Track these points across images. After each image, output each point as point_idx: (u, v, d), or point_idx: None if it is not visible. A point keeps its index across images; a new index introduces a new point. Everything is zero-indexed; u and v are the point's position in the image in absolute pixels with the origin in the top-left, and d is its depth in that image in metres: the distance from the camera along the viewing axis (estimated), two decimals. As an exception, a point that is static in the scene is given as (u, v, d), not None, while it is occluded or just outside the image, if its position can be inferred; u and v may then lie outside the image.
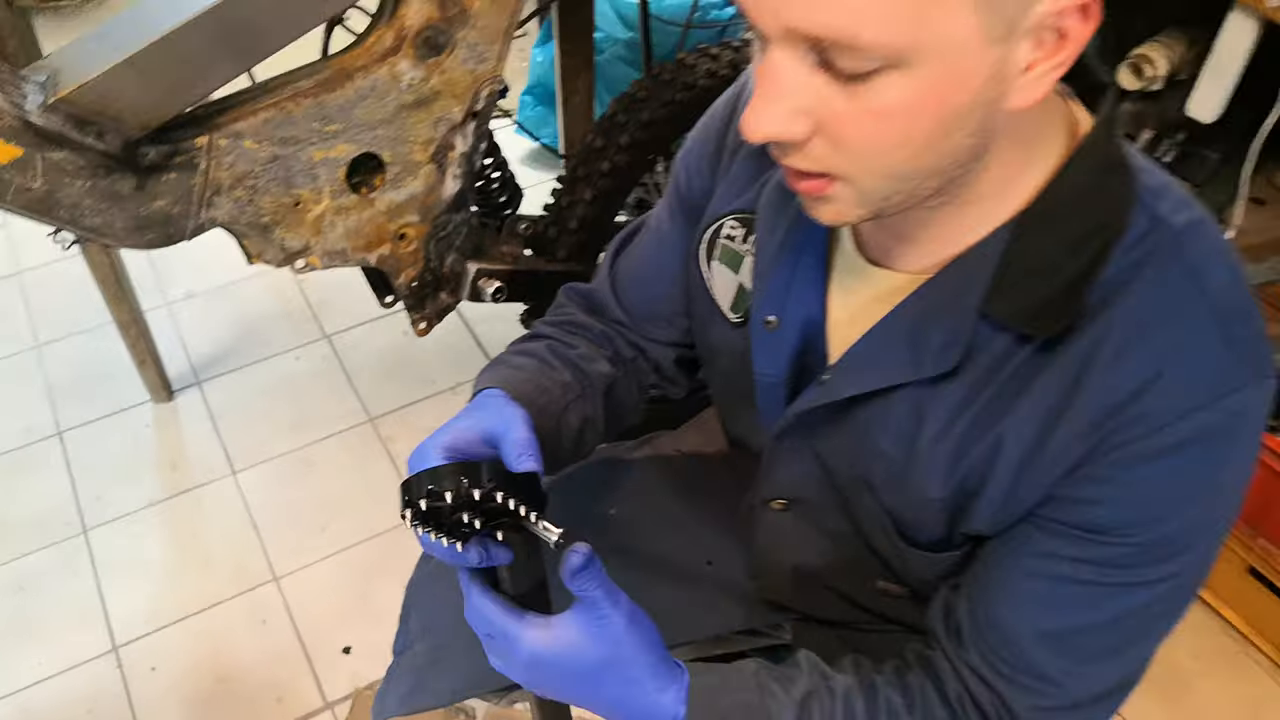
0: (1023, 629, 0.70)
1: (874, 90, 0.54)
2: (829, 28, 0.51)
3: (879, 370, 0.71)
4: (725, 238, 0.84)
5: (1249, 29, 1.23)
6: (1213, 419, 0.62)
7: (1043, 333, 0.64)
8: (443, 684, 1.03)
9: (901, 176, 0.59)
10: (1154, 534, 0.65)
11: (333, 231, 1.13)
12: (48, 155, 0.90)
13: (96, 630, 1.57)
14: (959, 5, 0.51)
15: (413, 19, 1.08)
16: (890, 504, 0.77)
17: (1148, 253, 0.63)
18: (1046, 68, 0.55)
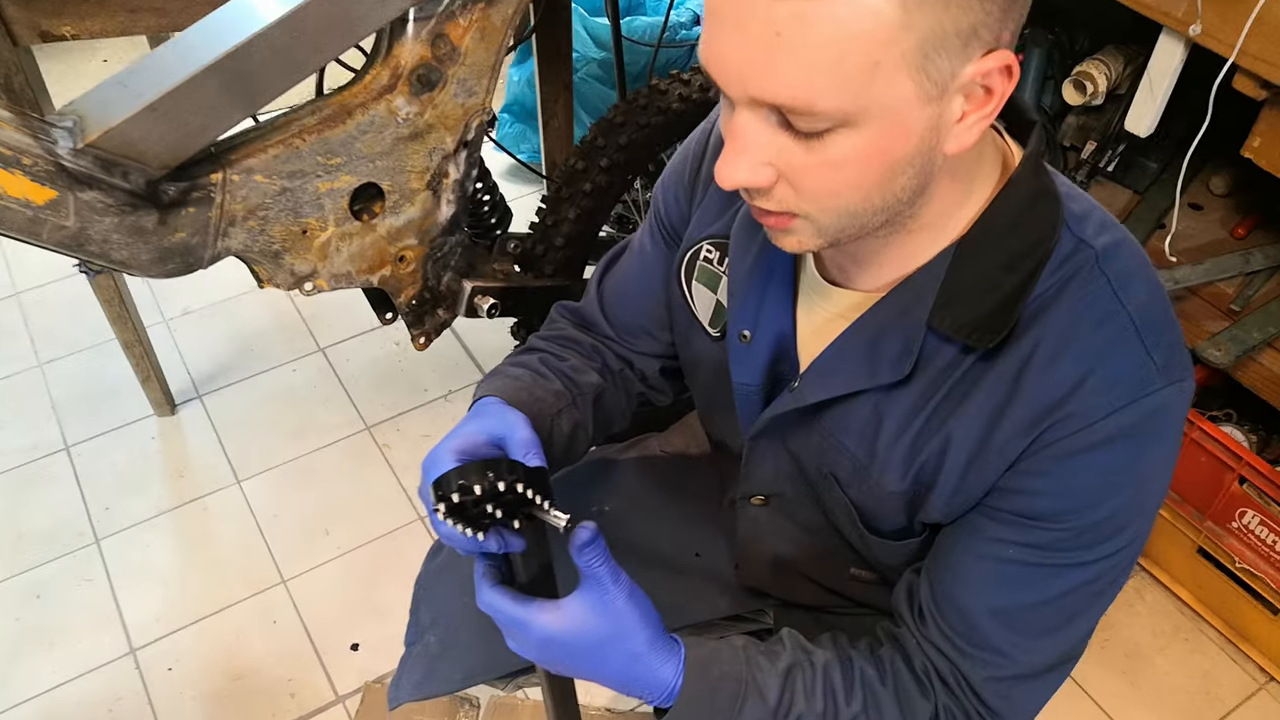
0: (976, 607, 0.78)
1: (828, 145, 0.62)
2: (788, 98, 0.60)
3: (841, 378, 0.80)
4: (703, 260, 0.93)
5: (1176, 52, 1.33)
6: (1134, 417, 0.70)
7: (983, 344, 0.72)
8: (454, 671, 1.11)
9: (854, 214, 0.67)
10: (1087, 519, 0.73)
11: (338, 256, 1.21)
12: (79, 195, 0.98)
13: (113, 634, 1.65)
14: (897, 73, 0.59)
15: (407, 58, 1.17)
16: (855, 497, 0.85)
17: (1074, 270, 0.72)
18: (976, 118, 0.64)
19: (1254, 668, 1.64)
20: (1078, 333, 0.71)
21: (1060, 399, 0.71)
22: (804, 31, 0.57)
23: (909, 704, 0.81)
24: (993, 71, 0.62)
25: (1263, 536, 1.53)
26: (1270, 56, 1.23)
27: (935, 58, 0.59)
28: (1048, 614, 0.78)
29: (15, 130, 0.94)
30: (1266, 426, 1.64)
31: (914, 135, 0.63)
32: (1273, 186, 1.35)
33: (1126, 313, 0.71)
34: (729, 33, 0.60)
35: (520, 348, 1.04)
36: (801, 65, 0.58)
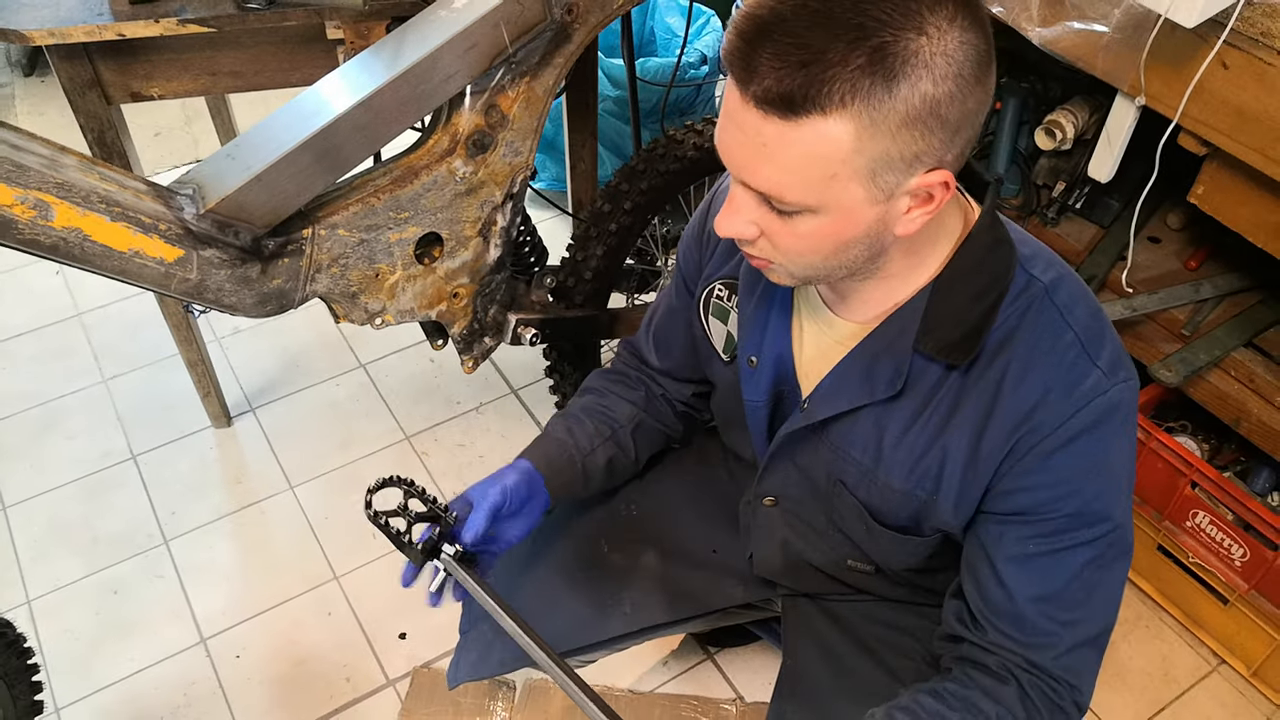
0: (1021, 600, 0.96)
1: (796, 222, 0.83)
2: (766, 189, 0.80)
3: (845, 397, 0.99)
4: (716, 297, 1.13)
5: (1130, 111, 1.53)
6: (1092, 415, 0.90)
7: (958, 361, 0.92)
8: (505, 655, 1.31)
9: (817, 268, 0.88)
10: (1074, 505, 0.92)
11: (404, 295, 1.40)
12: (201, 253, 1.17)
13: (185, 625, 1.84)
14: (850, 183, 0.79)
15: (464, 126, 1.36)
16: (864, 498, 1.04)
17: (1029, 302, 0.92)
18: (920, 213, 0.84)
19: (1207, 652, 1.83)
20: (1038, 355, 0.91)
21: (1028, 412, 0.90)
22: (781, 147, 0.76)
23: (996, 693, 0.97)
24: (934, 184, 0.81)
25: (1213, 535, 1.72)
26: (1208, 119, 1.42)
27: (882, 174, 0.79)
28: (1075, 590, 0.96)
29: (152, 200, 1.13)
30: (1217, 437, 1.83)
31: (862, 224, 0.83)
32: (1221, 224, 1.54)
33: (1074, 333, 0.91)
34: (732, 132, 0.80)
35: (581, 388, 1.28)
36: (777, 170, 0.78)
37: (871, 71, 0.72)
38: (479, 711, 1.70)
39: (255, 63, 1.56)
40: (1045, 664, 0.97)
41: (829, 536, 1.15)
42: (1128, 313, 1.70)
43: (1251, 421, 1.63)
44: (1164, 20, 1.33)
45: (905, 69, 0.73)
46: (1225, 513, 1.69)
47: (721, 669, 1.79)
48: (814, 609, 1.28)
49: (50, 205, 1.04)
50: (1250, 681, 1.77)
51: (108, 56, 1.50)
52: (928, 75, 0.74)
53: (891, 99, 0.73)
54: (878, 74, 0.73)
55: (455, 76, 1.29)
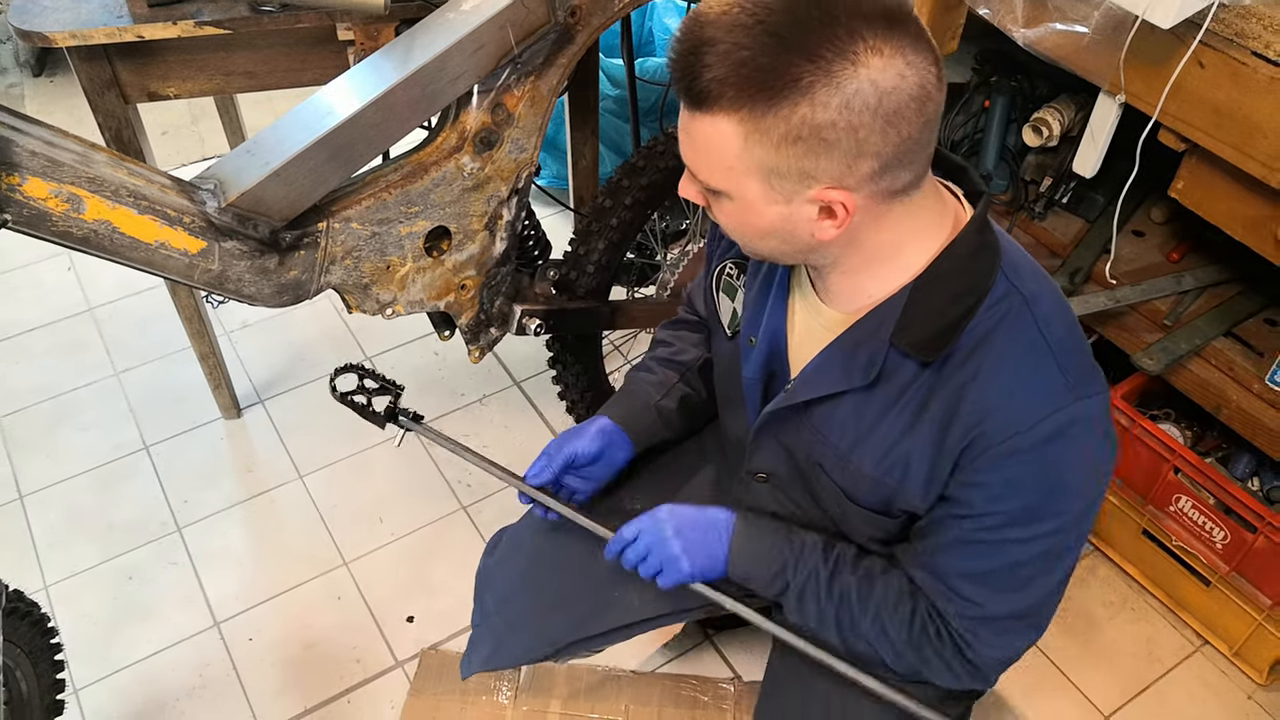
0: (949, 570, 1.03)
1: (719, 200, 0.93)
2: (689, 166, 0.91)
3: (824, 381, 1.04)
4: (727, 275, 1.18)
5: (1112, 108, 1.58)
6: (1050, 427, 0.93)
7: (929, 358, 0.96)
8: (518, 647, 1.36)
9: (753, 249, 0.98)
10: (1016, 504, 0.97)
11: (413, 286, 1.46)
12: (222, 245, 1.23)
13: (199, 610, 1.89)
14: (746, 177, 0.88)
15: (471, 123, 1.42)
16: (839, 480, 1.10)
17: (1008, 309, 0.96)
18: (830, 225, 0.91)
19: (1191, 633, 1.89)
20: (1008, 361, 0.95)
21: (990, 411, 0.94)
22: (692, 134, 0.88)
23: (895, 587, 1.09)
24: (834, 202, 0.88)
25: (1195, 519, 1.78)
26: (1187, 116, 1.48)
27: (775, 179, 0.87)
28: (1006, 577, 1.02)
29: (177, 195, 1.18)
30: (1199, 424, 1.89)
31: (766, 218, 0.91)
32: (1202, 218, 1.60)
33: (1047, 345, 0.95)
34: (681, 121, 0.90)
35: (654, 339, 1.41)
36: (691, 152, 0.90)
37: (755, 86, 0.81)
38: (485, 691, 1.75)
39: (268, 63, 1.61)
40: (950, 617, 1.05)
41: (813, 516, 1.21)
42: (1111, 304, 1.76)
43: (1231, 408, 1.68)
44: (1141, 21, 1.39)
45: (785, 92, 0.81)
46: (1207, 497, 1.75)
47: (720, 650, 1.85)
48: None
49: (82, 199, 1.09)
50: (1232, 661, 1.83)
51: (126, 57, 1.55)
52: (807, 102, 0.81)
53: (771, 116, 0.82)
54: (760, 91, 0.82)
55: (463, 76, 1.34)
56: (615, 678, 1.78)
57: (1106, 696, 1.80)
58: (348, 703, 1.77)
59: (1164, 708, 1.79)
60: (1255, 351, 1.71)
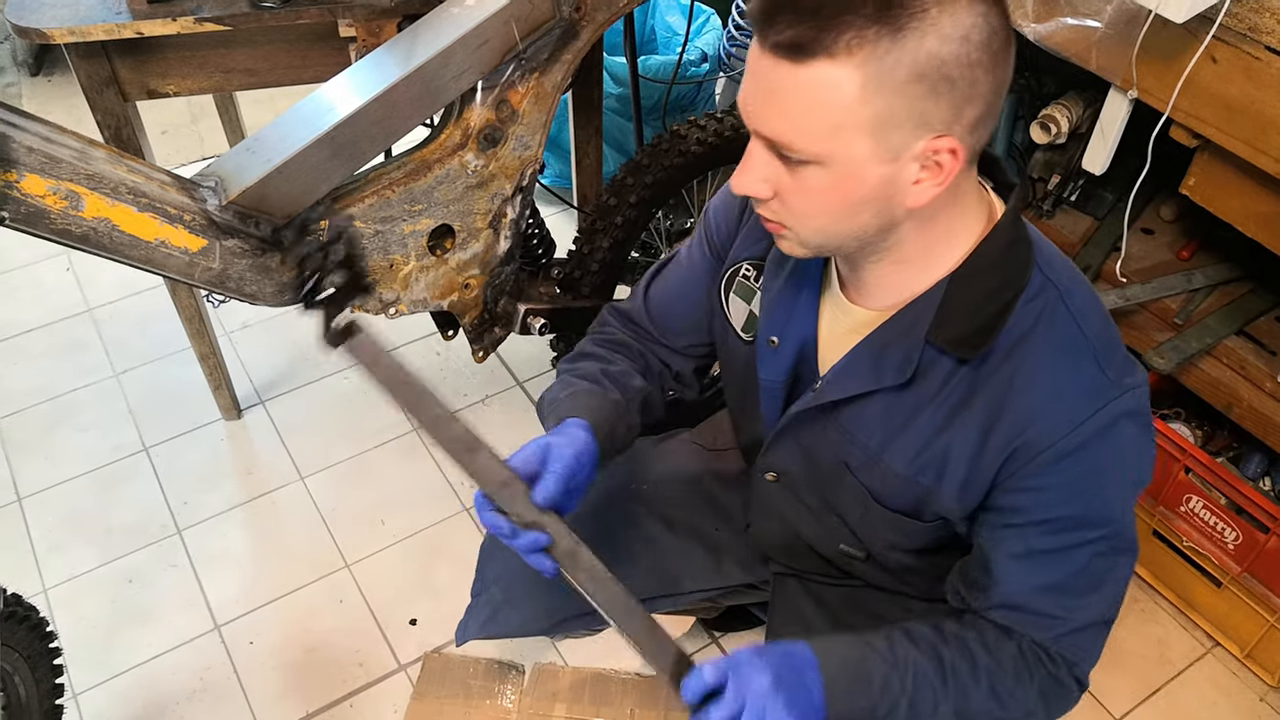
0: (1021, 592, 0.99)
1: (806, 174, 0.85)
2: (775, 136, 0.84)
3: (855, 381, 1.01)
4: (742, 277, 1.15)
5: (1123, 105, 1.57)
6: (1099, 422, 0.91)
7: (968, 355, 0.94)
8: (514, 618, 1.34)
9: (827, 234, 0.90)
10: (1079, 506, 0.94)
11: (417, 285, 1.44)
12: (223, 243, 1.21)
13: (199, 613, 1.87)
14: (856, 135, 0.81)
15: (475, 120, 1.40)
16: (866, 480, 1.06)
17: (1044, 306, 0.94)
18: (930, 184, 0.85)
19: (1201, 634, 1.87)
20: (1050, 358, 0.93)
21: (1040, 412, 0.92)
22: (788, 93, 0.80)
23: (994, 645, 1.00)
24: (941, 150, 0.83)
25: (1206, 519, 1.76)
26: (1199, 113, 1.47)
27: (889, 130, 0.81)
28: (1081, 582, 0.98)
29: (177, 192, 1.16)
30: (1210, 423, 1.87)
31: (868, 184, 0.84)
32: (1213, 215, 1.58)
33: (1087, 339, 0.93)
34: (749, 82, 0.83)
35: (576, 353, 1.24)
36: (785, 116, 0.82)
37: (879, 20, 0.76)
38: (488, 694, 1.73)
39: (269, 60, 1.59)
40: (1046, 642, 1.00)
41: (824, 519, 1.18)
42: (1121, 302, 1.74)
43: (1243, 407, 1.67)
44: (1154, 16, 1.38)
45: (912, 23, 0.76)
46: (1218, 497, 1.73)
47: (725, 652, 1.83)
48: (801, 590, 1.30)
49: (81, 196, 1.08)
50: (1243, 663, 1.82)
51: (125, 54, 1.53)
52: (934, 33, 0.77)
53: (898, 50, 0.76)
54: (885, 24, 0.76)
55: (467, 72, 1.32)
56: (620, 680, 1.76)
57: (1117, 699, 1.79)
58: (350, 707, 1.75)
59: (1175, 710, 1.78)
60: (1267, 350, 1.69)
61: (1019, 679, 0.99)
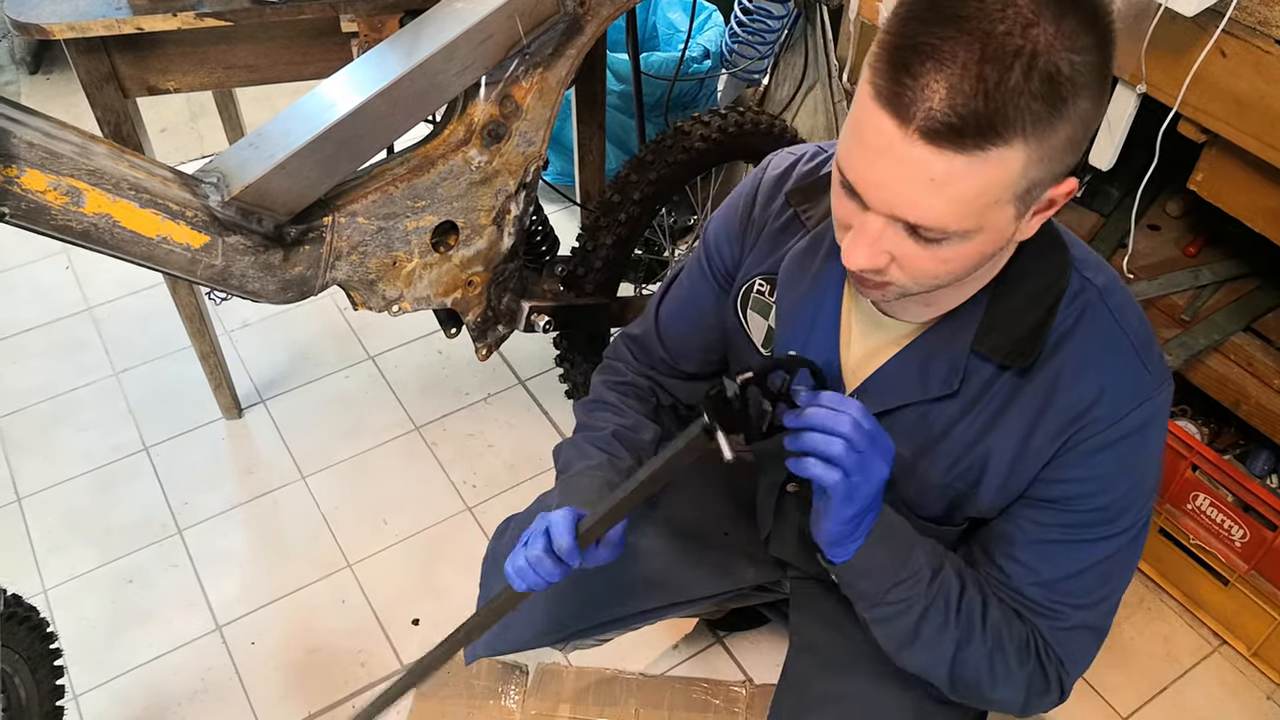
0: (1033, 581, 0.99)
1: (944, 248, 0.81)
2: (928, 223, 0.79)
3: (897, 393, 1.00)
4: (756, 293, 1.14)
5: (1130, 100, 1.55)
6: (1142, 417, 0.93)
7: (1017, 363, 0.93)
8: (523, 632, 1.33)
9: (940, 283, 0.87)
10: (1104, 500, 0.95)
11: (420, 282, 1.43)
12: (226, 240, 1.20)
13: (200, 613, 1.86)
14: (1007, 205, 0.78)
15: (479, 116, 1.39)
16: (901, 491, 1.06)
17: (1084, 305, 0.94)
18: (1040, 217, 0.84)
19: (1208, 632, 1.86)
20: (1093, 357, 0.93)
21: (1085, 409, 0.93)
22: (955, 180, 0.74)
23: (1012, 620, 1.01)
24: (1061, 194, 0.81)
25: (1213, 517, 1.75)
26: (1207, 107, 1.45)
27: (1034, 191, 0.79)
28: (1088, 580, 0.99)
29: (179, 188, 1.15)
30: (1217, 420, 1.86)
31: (1004, 238, 0.83)
32: (1220, 210, 1.57)
33: (1128, 338, 0.94)
34: (888, 165, 0.76)
35: (591, 400, 1.25)
36: (945, 203, 0.76)
37: (1045, 97, 0.71)
38: (492, 695, 1.72)
39: (270, 56, 1.58)
40: (1045, 632, 1.01)
41: None
42: (1128, 299, 1.73)
43: (1250, 404, 1.66)
44: (1164, 9, 1.37)
45: (1072, 92, 0.73)
46: (1225, 494, 1.72)
47: (731, 652, 1.82)
48: (822, 590, 1.30)
49: (82, 191, 1.06)
50: (1251, 661, 1.80)
51: (125, 50, 1.52)
52: (1087, 94, 0.74)
53: (1061, 122, 0.73)
54: (1051, 100, 0.72)
55: (471, 67, 1.31)
56: (624, 680, 1.75)
57: (1123, 698, 1.78)
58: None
59: (1182, 709, 1.77)
60: (1275, 347, 1.68)
61: (1020, 658, 1.00)
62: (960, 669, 1.01)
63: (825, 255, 1.04)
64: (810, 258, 1.05)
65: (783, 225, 1.10)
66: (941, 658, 1.00)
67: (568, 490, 1.13)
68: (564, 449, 1.19)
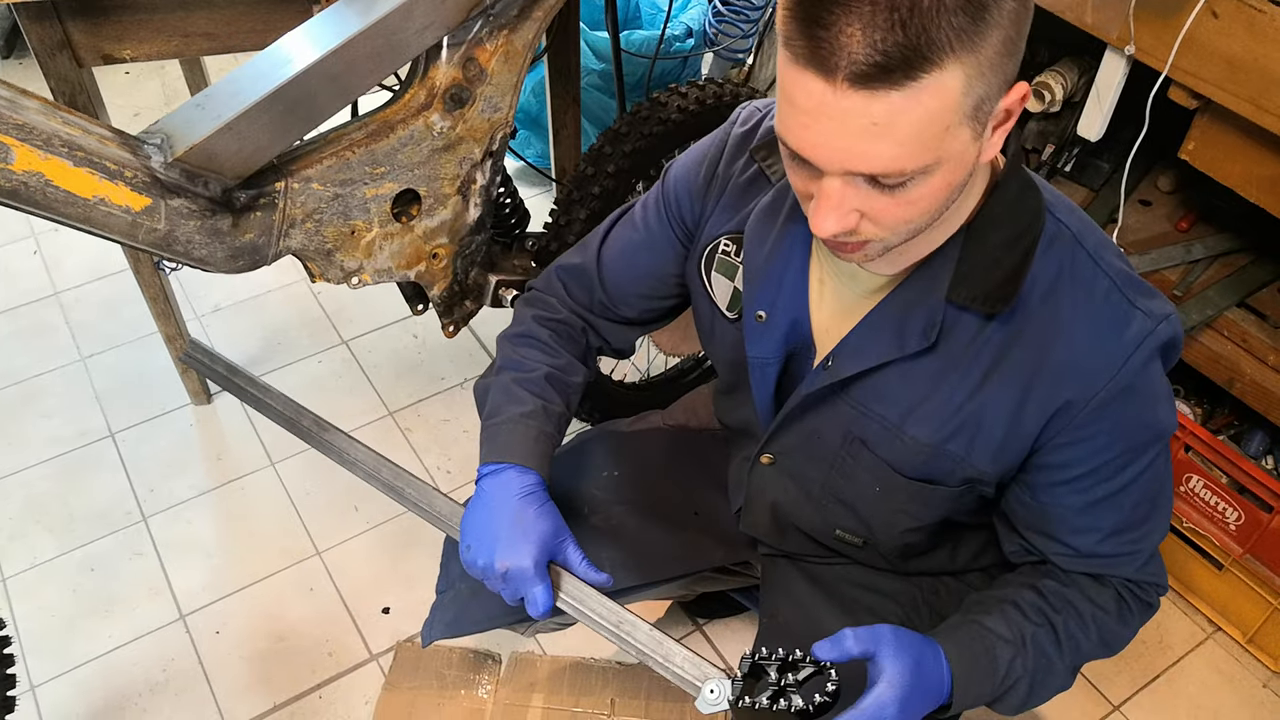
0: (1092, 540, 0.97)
1: (909, 190, 0.77)
2: (882, 170, 0.75)
3: (874, 351, 0.95)
4: (721, 253, 1.08)
5: (1119, 66, 1.50)
6: (1140, 359, 0.88)
7: (997, 310, 0.88)
8: (480, 614, 1.28)
9: (918, 229, 0.83)
10: (1126, 443, 0.91)
11: (381, 254, 1.37)
12: (169, 203, 1.14)
13: (164, 602, 1.80)
14: (960, 128, 0.73)
15: (441, 79, 1.33)
16: (886, 455, 1.01)
17: (1063, 252, 0.89)
18: (1000, 133, 0.79)
19: (1202, 619, 1.81)
20: (1081, 305, 0.88)
21: (1077, 367, 0.88)
22: (897, 120, 0.71)
23: (1095, 594, 0.99)
24: (1015, 101, 0.77)
25: (1206, 499, 1.70)
26: (1199, 71, 1.40)
27: (983, 106, 0.74)
28: (1142, 510, 0.97)
29: (118, 147, 1.09)
30: (1210, 400, 1.81)
31: (968, 164, 0.78)
32: (1212, 185, 1.52)
33: (1110, 279, 0.89)
34: (826, 125, 0.73)
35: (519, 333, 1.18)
36: (894, 145, 0.73)
37: (964, 9, 0.68)
38: (464, 684, 1.67)
39: (229, 24, 1.52)
40: (1131, 576, 1.00)
41: (821, 504, 1.12)
42: (1118, 274, 1.68)
43: (1245, 382, 1.61)
44: (1153, -33, 1.31)
45: None
46: (1219, 476, 1.67)
47: (710, 639, 1.77)
48: (793, 569, 1.26)
49: (9, 148, 1.01)
50: (1246, 648, 1.76)
51: (78, 16, 1.46)
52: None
53: (990, 29, 0.69)
54: (972, 9, 0.68)
55: (431, 27, 1.25)
56: (600, 669, 1.70)
57: (1115, 687, 1.73)
58: (319, 698, 1.68)
59: (1175, 697, 1.72)
60: (1270, 323, 1.63)
61: (1123, 619, 1.00)
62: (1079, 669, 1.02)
63: (790, 211, 0.99)
64: (775, 214, 1.00)
65: (748, 181, 1.05)
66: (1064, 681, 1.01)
67: (496, 439, 1.07)
68: (492, 391, 1.12)
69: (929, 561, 1.18)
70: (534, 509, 1.02)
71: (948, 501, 1.02)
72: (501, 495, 1.03)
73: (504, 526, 1.00)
